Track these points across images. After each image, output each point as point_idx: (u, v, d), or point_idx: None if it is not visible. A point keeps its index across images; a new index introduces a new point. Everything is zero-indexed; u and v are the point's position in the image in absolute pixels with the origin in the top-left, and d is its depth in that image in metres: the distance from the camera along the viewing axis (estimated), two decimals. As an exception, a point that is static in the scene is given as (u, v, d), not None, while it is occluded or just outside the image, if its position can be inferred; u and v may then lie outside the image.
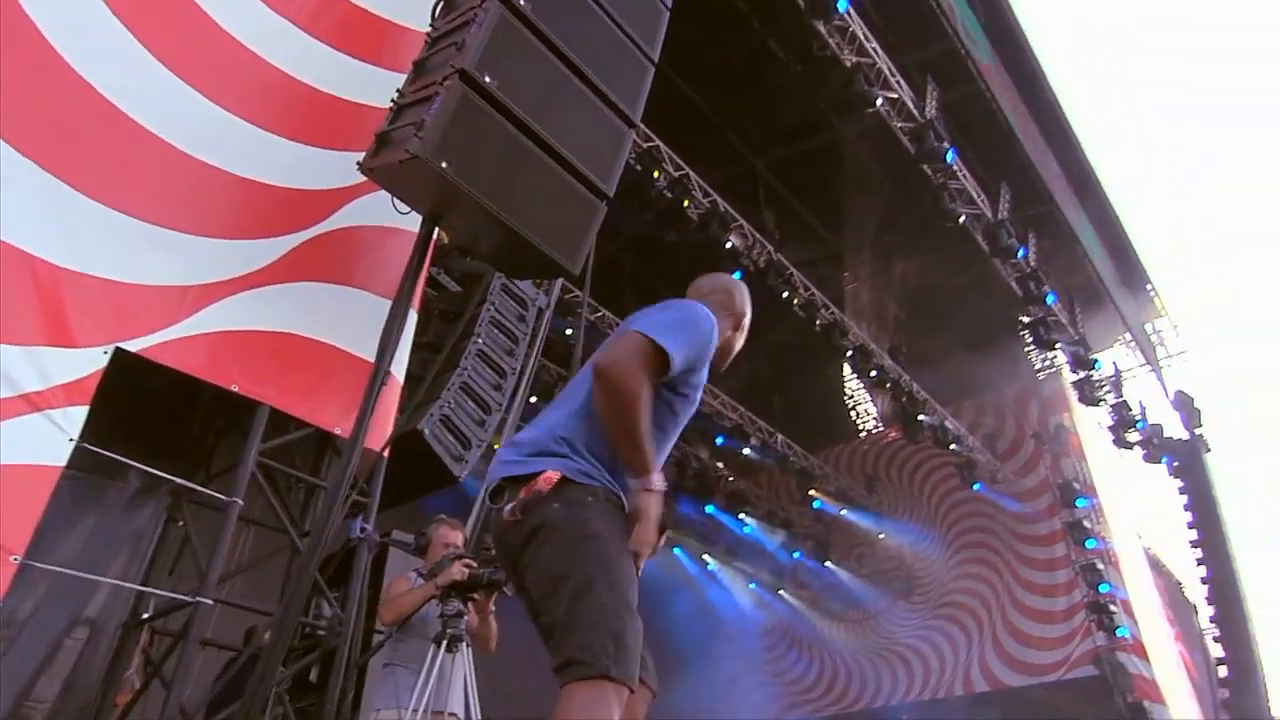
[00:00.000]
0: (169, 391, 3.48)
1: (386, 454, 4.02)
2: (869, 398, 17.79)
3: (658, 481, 1.88)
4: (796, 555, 17.29)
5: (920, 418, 13.19)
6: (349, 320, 4.12)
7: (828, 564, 17.46)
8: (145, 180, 3.54)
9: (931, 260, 14.09)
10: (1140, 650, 13.65)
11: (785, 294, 10.99)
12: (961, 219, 10.48)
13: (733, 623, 17.87)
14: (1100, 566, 13.83)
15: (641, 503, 1.85)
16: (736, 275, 10.52)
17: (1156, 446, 14.24)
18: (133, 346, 3.26)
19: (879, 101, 9.51)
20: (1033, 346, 14.52)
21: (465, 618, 3.09)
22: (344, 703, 3.29)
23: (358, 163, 3.71)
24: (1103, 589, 13.65)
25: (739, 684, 17.76)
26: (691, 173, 9.93)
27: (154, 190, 3.55)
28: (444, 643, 3.01)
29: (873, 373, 12.39)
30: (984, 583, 15.59)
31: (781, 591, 17.89)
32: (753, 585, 18.10)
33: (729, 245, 10.23)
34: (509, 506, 1.85)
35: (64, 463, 2.95)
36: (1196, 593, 15.23)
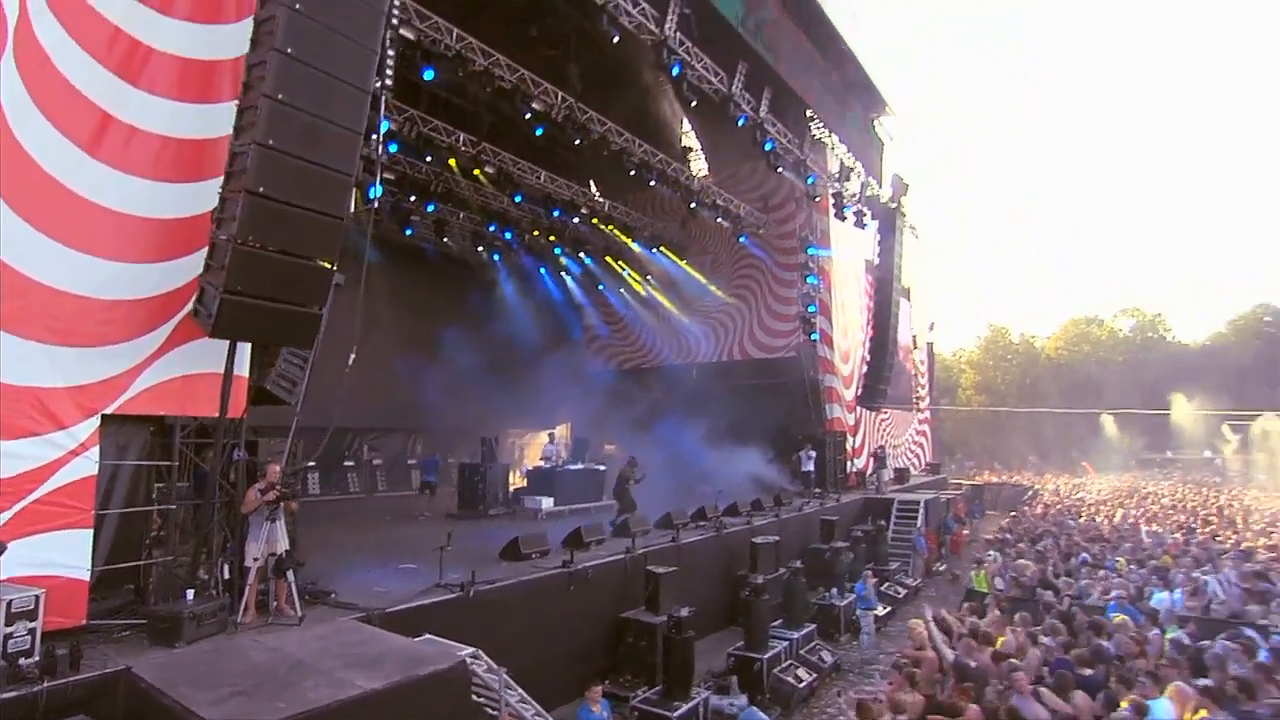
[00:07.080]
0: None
1: (246, 414, 6.99)
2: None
3: None
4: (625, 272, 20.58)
5: (692, 205, 15.53)
6: (215, 355, 6.63)
7: (649, 278, 20.81)
8: (106, 236, 5.77)
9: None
10: (828, 341, 18.20)
11: (578, 140, 12.49)
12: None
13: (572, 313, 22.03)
14: (813, 295, 17.63)
15: None
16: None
17: (863, 216, 17.12)
18: (110, 409, 6.06)
19: None
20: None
21: (280, 506, 6.53)
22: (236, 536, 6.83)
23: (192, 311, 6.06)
24: (810, 309, 17.64)
25: (575, 354, 21.92)
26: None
27: (115, 240, 5.81)
28: (270, 519, 6.50)
29: (652, 182, 14.25)
30: (750, 294, 19.46)
31: (623, 291, 21.37)
32: (601, 287, 21.50)
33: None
34: None
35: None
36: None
